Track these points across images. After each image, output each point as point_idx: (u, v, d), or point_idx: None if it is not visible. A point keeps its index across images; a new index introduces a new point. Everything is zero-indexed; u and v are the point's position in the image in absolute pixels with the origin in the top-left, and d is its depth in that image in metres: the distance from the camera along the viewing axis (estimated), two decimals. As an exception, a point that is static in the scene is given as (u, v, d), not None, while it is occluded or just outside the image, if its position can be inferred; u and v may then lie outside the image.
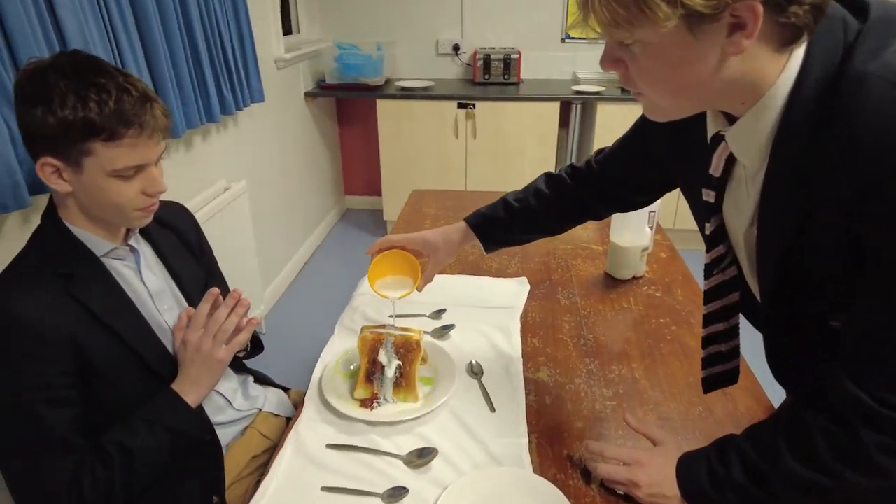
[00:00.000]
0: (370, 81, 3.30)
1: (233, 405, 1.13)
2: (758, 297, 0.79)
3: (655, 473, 0.79)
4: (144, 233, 1.05)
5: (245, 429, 1.15)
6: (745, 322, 0.89)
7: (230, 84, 2.20)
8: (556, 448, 0.93)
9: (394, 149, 3.37)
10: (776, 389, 0.95)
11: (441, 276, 1.45)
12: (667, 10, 0.52)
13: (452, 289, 1.39)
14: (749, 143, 0.66)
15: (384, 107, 3.27)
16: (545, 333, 1.24)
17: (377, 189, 3.59)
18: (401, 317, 1.27)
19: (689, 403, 1.03)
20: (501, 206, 1.13)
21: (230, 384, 1.15)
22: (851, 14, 0.58)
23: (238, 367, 1.22)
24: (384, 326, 1.07)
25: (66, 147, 0.83)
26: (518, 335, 1.22)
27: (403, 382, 1.02)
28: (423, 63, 3.67)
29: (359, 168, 4.03)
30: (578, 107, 3.22)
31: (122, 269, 0.98)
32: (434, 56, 3.65)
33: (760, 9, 0.52)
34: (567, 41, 3.52)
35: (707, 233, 0.80)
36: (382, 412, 0.99)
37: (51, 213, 0.93)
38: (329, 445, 0.93)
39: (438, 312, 1.30)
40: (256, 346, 1.24)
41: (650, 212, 1.49)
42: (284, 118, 3.00)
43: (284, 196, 3.04)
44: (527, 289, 1.40)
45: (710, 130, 0.73)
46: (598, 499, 0.84)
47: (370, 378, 1.02)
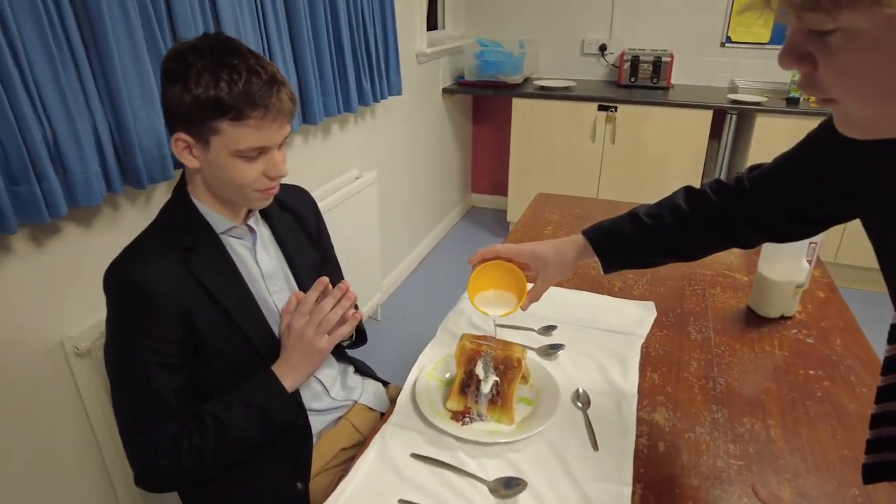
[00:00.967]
0: (509, 79, 3.23)
1: (329, 393, 1.13)
2: None
3: None
4: (264, 214, 1.08)
5: (339, 419, 1.15)
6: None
7: (370, 76, 2.25)
8: (664, 505, 0.81)
9: (525, 149, 3.29)
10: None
11: (556, 290, 1.35)
12: None
13: (567, 305, 1.29)
14: None
15: (520, 105, 3.19)
16: (668, 369, 1.10)
17: (503, 189, 3.53)
18: (505, 327, 1.20)
19: (841, 482, 0.85)
20: (629, 221, 0.96)
21: (330, 371, 1.15)
22: None
23: (340, 356, 1.22)
24: (486, 337, 1.00)
25: (197, 124, 0.86)
26: (636, 367, 1.09)
27: (499, 401, 0.95)
28: (566, 63, 3.54)
29: (488, 166, 3.99)
30: (734, 117, 2.91)
31: (239, 248, 1.01)
32: (578, 56, 3.50)
33: None
34: (727, 45, 3.20)
35: None
36: (474, 429, 0.93)
37: (180, 188, 0.97)
38: (414, 455, 0.89)
39: (548, 329, 1.21)
40: (361, 338, 1.24)
41: (811, 243, 1.28)
42: (420, 112, 3.04)
43: (412, 189, 3.08)
44: (653, 315, 1.26)
45: None
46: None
47: (464, 390, 0.96)
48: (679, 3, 3.20)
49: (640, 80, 3.18)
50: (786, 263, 1.22)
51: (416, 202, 3.17)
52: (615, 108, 3.01)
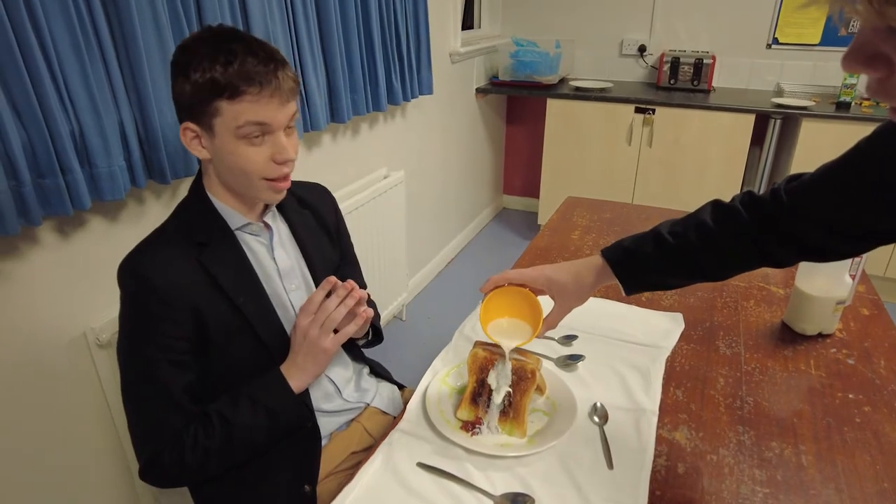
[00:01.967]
0: (544, 79, 3.18)
1: (342, 394, 1.11)
2: None
3: None
4: (282, 211, 1.06)
5: (351, 421, 1.13)
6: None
7: (400, 76, 2.23)
8: (682, 532, 0.76)
9: (558, 151, 3.23)
10: None
11: (579, 297, 1.31)
12: None
13: (590, 314, 1.24)
14: None
15: (555, 106, 3.14)
16: (693, 386, 1.04)
17: (535, 191, 3.48)
18: (525, 336, 1.16)
19: (877, 517, 0.78)
20: (651, 240, 0.88)
21: (344, 372, 1.14)
22: None
23: (356, 356, 1.20)
24: (500, 346, 0.96)
25: (199, 110, 0.86)
26: (659, 382, 1.04)
27: (511, 413, 0.91)
28: (604, 63, 3.46)
29: (520, 168, 3.94)
30: (778, 122, 2.79)
31: (255, 245, 1.00)
32: (616, 57, 3.42)
33: None
34: (773, 47, 3.08)
35: None
36: (483, 441, 0.90)
37: (197, 184, 0.97)
38: (420, 464, 0.86)
39: (568, 338, 1.16)
40: (377, 336, 1.22)
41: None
42: (452, 112, 3.02)
43: (441, 189, 3.06)
44: (680, 328, 1.21)
45: None
46: None
47: (476, 400, 0.93)
48: (723, 4, 3.09)
49: (680, 83, 3.09)
50: (826, 278, 1.15)
51: (446, 202, 3.15)
52: (653, 111, 2.93)
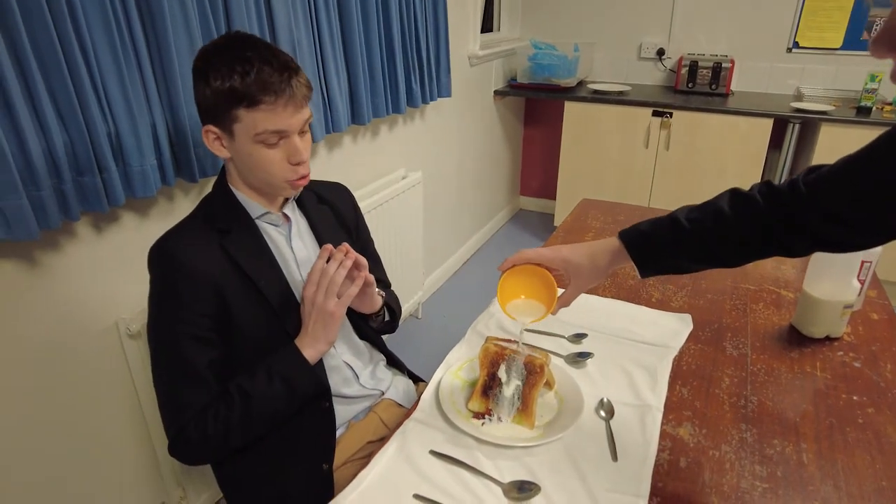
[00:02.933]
0: (562, 82, 3.21)
1: (359, 380, 1.16)
2: None
3: None
4: (301, 205, 1.12)
5: (368, 410, 1.18)
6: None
7: (420, 79, 2.28)
8: (681, 522, 0.80)
9: (576, 153, 3.25)
10: None
11: (591, 297, 1.34)
12: None
13: (601, 313, 1.28)
14: None
15: (572, 109, 3.16)
16: (698, 384, 1.07)
17: (552, 193, 3.50)
18: (534, 333, 1.20)
19: (873, 513, 0.81)
20: (668, 224, 0.89)
21: (361, 360, 1.19)
22: None
23: (373, 346, 1.25)
24: (511, 341, 1.01)
25: (220, 115, 0.92)
26: (665, 380, 1.07)
27: (520, 405, 0.95)
28: (622, 67, 3.47)
29: (537, 170, 3.97)
30: (796, 127, 2.78)
31: (274, 234, 1.06)
32: (635, 60, 3.43)
33: None
34: (794, 51, 3.07)
35: None
36: (493, 431, 0.94)
37: (220, 179, 1.04)
38: (432, 452, 0.91)
39: (578, 336, 1.20)
40: (392, 317, 1.25)
41: (865, 261, 1.22)
42: (470, 114, 3.06)
43: (458, 190, 3.10)
44: (689, 328, 1.23)
45: None
46: None
47: (487, 392, 0.97)
48: (743, 8, 3.09)
49: (699, 86, 3.09)
50: (834, 282, 1.17)
51: (463, 203, 3.19)
52: (670, 115, 2.94)
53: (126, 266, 1.35)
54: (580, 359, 1.12)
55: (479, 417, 0.96)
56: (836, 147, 2.63)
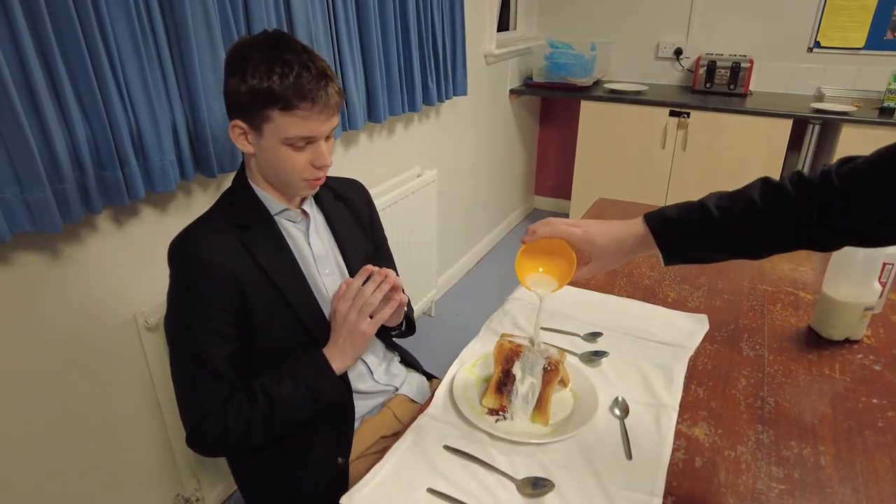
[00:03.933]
0: (578, 81, 3.20)
1: (373, 375, 1.17)
2: None
3: None
4: (318, 202, 1.13)
5: (382, 406, 1.19)
6: None
7: (436, 77, 2.28)
8: (696, 522, 0.79)
9: (591, 153, 3.24)
10: None
11: (606, 296, 1.34)
12: None
13: (616, 313, 1.27)
14: None
15: (588, 108, 3.15)
16: (714, 385, 1.06)
17: (567, 193, 3.49)
18: (550, 331, 1.19)
19: (893, 517, 0.80)
20: (697, 212, 0.87)
21: (376, 357, 1.20)
22: None
23: (388, 345, 1.26)
24: (527, 339, 1.00)
25: (252, 112, 0.93)
26: (681, 380, 1.06)
27: (535, 402, 0.95)
28: (639, 66, 3.45)
29: (552, 169, 3.95)
30: (816, 127, 2.75)
31: (292, 230, 1.08)
32: (652, 59, 3.41)
33: None
34: (815, 51, 3.03)
35: None
36: (507, 427, 0.94)
37: (240, 174, 1.05)
38: (446, 447, 0.91)
39: (594, 335, 1.19)
40: (409, 327, 1.27)
41: (886, 263, 1.20)
42: (486, 113, 3.06)
43: (473, 188, 3.10)
44: (705, 329, 1.22)
45: None
46: None
47: (501, 389, 0.97)
48: (763, 7, 3.06)
49: (716, 87, 3.07)
50: (854, 283, 1.15)
51: (477, 202, 3.19)
52: (687, 115, 2.91)
53: (145, 259, 1.37)
54: (595, 357, 1.12)
55: (494, 414, 0.96)
56: (858, 148, 2.57)
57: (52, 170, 1.06)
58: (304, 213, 1.10)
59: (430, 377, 1.34)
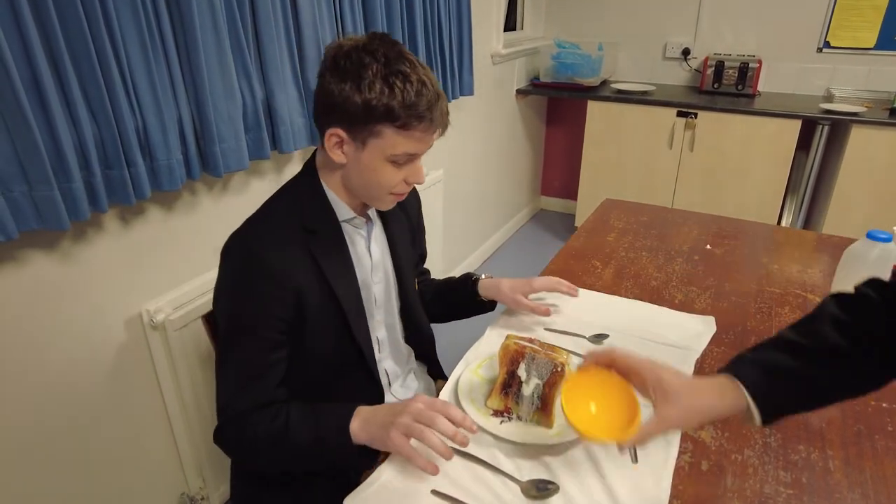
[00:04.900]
0: (585, 81, 3.18)
1: (391, 388, 1.15)
2: None
3: None
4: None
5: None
6: None
7: (442, 77, 2.28)
8: (702, 526, 0.78)
9: (598, 153, 3.23)
10: None
11: (612, 298, 1.33)
12: None
13: (622, 314, 1.27)
14: None
15: (595, 109, 3.14)
16: (720, 386, 1.05)
17: (574, 193, 3.48)
18: (555, 332, 1.19)
19: (902, 523, 0.79)
20: (780, 348, 0.77)
21: (399, 367, 1.18)
22: None
23: (418, 354, 1.25)
24: (533, 341, 1.00)
25: (359, 125, 0.87)
26: (687, 381, 1.06)
27: (539, 404, 0.95)
28: (646, 66, 3.44)
29: (559, 169, 3.94)
30: (825, 128, 2.72)
31: (356, 237, 1.04)
32: (660, 60, 3.39)
33: None
34: (825, 51, 3.00)
35: None
36: (512, 430, 0.93)
37: (310, 172, 0.99)
38: (451, 448, 0.90)
39: (599, 337, 1.19)
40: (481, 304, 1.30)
41: (896, 266, 1.19)
42: (492, 113, 3.05)
43: (479, 188, 3.09)
44: (712, 331, 1.21)
45: None
46: None
47: (506, 390, 0.97)
48: (772, 7, 3.03)
49: (724, 87, 3.05)
50: (864, 286, 1.14)
51: (483, 201, 3.18)
52: (695, 115, 2.90)
53: (151, 258, 1.37)
54: (600, 359, 1.11)
55: (498, 415, 0.96)
56: (868, 150, 2.57)
57: (60, 168, 1.07)
58: (368, 220, 1.06)
59: (436, 378, 1.34)
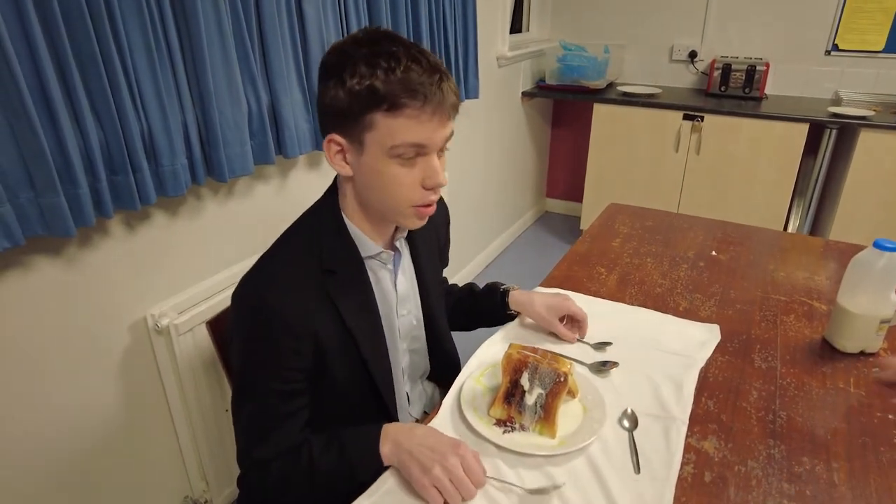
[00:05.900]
0: (591, 84, 3.18)
1: (408, 406, 1.13)
2: None
3: None
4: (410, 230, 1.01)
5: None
6: None
7: (448, 79, 2.28)
8: (705, 539, 0.78)
9: (603, 156, 3.22)
10: None
11: (617, 305, 1.33)
12: None
13: (626, 321, 1.26)
14: None
15: (601, 111, 3.13)
16: (725, 397, 1.05)
17: (579, 196, 3.47)
18: (559, 340, 1.19)
19: (907, 538, 0.78)
20: None
21: (412, 382, 1.16)
22: None
23: (434, 366, 1.21)
24: (536, 350, 1.00)
25: (351, 121, 0.80)
26: (691, 392, 1.05)
27: (542, 413, 0.94)
28: (653, 69, 3.42)
29: (564, 172, 3.94)
30: (833, 132, 2.71)
31: (380, 272, 0.98)
32: (666, 62, 3.38)
33: None
34: (833, 54, 2.99)
35: None
36: (514, 439, 0.93)
37: (330, 205, 0.92)
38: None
39: (603, 345, 1.18)
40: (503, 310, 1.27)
41: (903, 275, 1.18)
42: (498, 115, 3.05)
43: (483, 191, 3.09)
44: (716, 339, 1.21)
45: None
46: None
47: (508, 400, 0.97)
48: (779, 9, 3.02)
49: (731, 90, 3.03)
50: (870, 295, 1.13)
51: (488, 204, 3.18)
52: (702, 118, 2.89)
53: (156, 263, 1.37)
54: (604, 367, 1.11)
55: (501, 425, 0.96)
56: (876, 153, 2.56)
57: (66, 175, 1.07)
58: (395, 250, 0.99)
59: (439, 385, 1.33)
